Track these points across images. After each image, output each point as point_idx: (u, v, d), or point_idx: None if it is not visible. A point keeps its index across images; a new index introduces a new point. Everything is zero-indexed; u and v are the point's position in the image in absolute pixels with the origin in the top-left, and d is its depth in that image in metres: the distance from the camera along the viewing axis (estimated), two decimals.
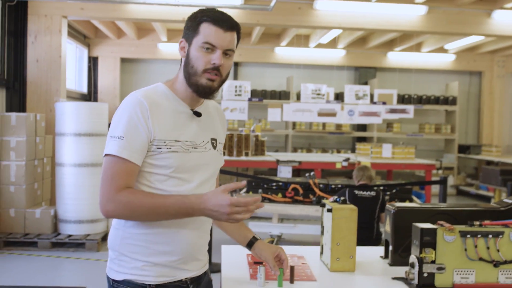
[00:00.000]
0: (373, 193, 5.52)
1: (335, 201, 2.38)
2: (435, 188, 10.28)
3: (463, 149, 12.97)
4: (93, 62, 12.13)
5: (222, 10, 2.02)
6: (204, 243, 2.12)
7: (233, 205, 1.81)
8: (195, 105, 2.07)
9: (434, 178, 9.30)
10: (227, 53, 1.99)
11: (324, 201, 2.42)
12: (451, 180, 12.53)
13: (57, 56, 7.93)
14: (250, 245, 2.22)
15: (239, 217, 1.84)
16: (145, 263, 1.97)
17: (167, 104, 2.00)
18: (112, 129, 1.94)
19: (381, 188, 6.14)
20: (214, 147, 2.12)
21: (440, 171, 11.89)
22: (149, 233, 1.97)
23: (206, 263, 2.17)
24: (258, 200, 1.85)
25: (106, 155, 1.92)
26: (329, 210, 2.31)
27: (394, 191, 6.55)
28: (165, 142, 1.94)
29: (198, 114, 2.05)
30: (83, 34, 11.41)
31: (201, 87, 1.97)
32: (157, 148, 1.94)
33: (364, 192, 5.53)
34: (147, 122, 1.92)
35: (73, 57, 10.99)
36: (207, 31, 1.95)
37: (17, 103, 7.82)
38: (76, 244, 6.76)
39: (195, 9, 2.05)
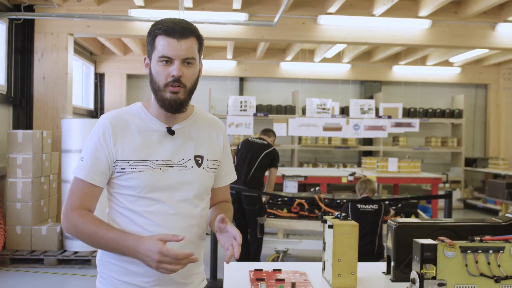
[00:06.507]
0: (375, 206, 5.54)
1: (336, 217, 2.38)
2: (442, 202, 10.22)
3: (469, 162, 12.91)
4: (99, 79, 12.23)
5: (176, 18, 1.99)
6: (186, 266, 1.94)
7: (162, 254, 1.75)
8: (173, 121, 2.02)
9: (440, 192, 9.26)
10: (188, 61, 1.94)
11: (325, 217, 2.41)
12: (458, 194, 12.48)
13: (63, 73, 7.99)
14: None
15: (169, 268, 1.77)
16: (121, 282, 1.99)
17: (138, 123, 2.00)
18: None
19: (383, 199, 6.13)
20: (199, 165, 2.04)
21: (447, 185, 11.83)
22: None
23: (194, 286, 2.10)
24: (191, 255, 1.78)
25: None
26: (330, 226, 2.30)
27: (399, 205, 6.53)
28: (128, 162, 1.94)
29: (171, 132, 2.00)
30: (89, 51, 11.50)
31: (167, 101, 1.93)
32: (121, 169, 1.95)
33: (367, 206, 5.55)
34: (108, 144, 1.95)
35: (80, 74, 11.07)
36: (161, 44, 1.93)
37: (24, 120, 7.87)
38: (82, 261, 6.76)
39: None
